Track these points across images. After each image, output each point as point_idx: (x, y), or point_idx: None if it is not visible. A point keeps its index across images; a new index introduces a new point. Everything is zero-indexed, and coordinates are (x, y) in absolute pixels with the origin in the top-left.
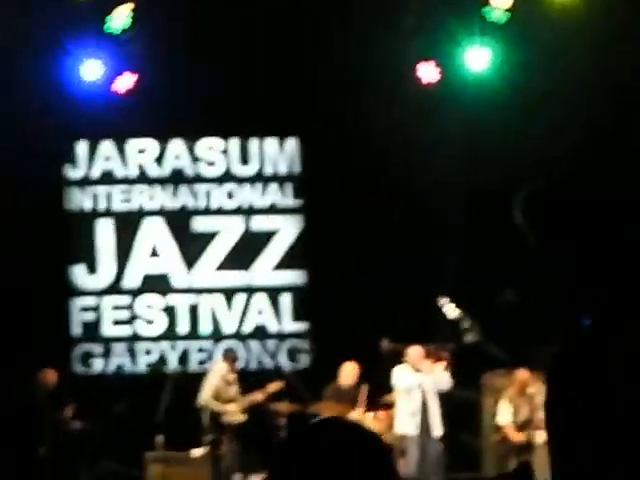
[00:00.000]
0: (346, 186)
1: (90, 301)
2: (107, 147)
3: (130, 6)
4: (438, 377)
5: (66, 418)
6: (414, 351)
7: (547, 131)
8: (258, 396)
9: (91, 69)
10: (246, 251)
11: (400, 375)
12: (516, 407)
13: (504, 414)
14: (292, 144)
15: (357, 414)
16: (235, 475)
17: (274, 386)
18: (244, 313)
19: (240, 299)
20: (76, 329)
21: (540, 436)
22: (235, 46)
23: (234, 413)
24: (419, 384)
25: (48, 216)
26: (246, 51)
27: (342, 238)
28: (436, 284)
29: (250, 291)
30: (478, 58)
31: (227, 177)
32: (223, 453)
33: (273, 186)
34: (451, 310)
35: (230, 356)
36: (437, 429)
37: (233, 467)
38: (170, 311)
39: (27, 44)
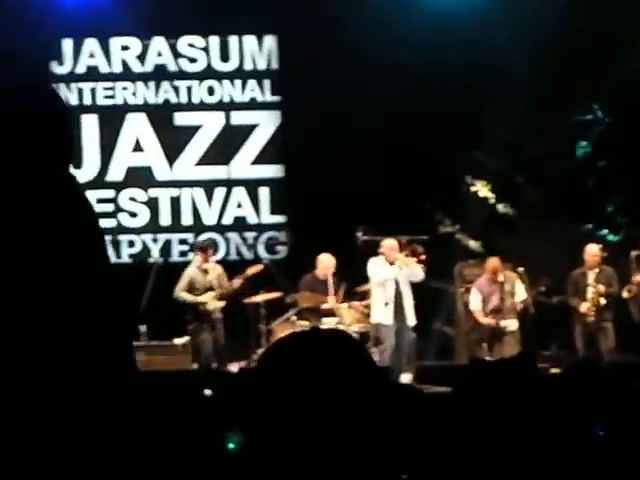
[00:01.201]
0: (321, 81)
1: None
2: (92, 45)
3: None
4: (411, 269)
5: None
6: (389, 243)
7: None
8: (236, 282)
9: None
10: (226, 146)
11: (375, 267)
12: (487, 295)
13: (474, 300)
14: (270, 41)
15: (332, 303)
16: (213, 363)
17: (253, 269)
18: (224, 206)
19: (220, 192)
20: None
21: (509, 324)
22: None
23: (210, 301)
24: (393, 276)
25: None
26: None
27: (318, 132)
28: (409, 178)
29: (230, 184)
30: None
31: (208, 73)
32: (201, 342)
33: (252, 82)
34: None
35: (202, 247)
36: (411, 319)
37: (211, 356)
38: (152, 204)
39: None
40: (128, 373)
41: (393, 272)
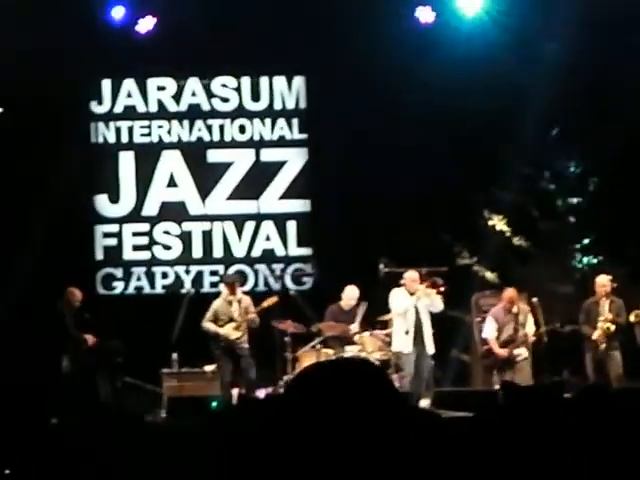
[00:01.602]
0: (347, 120)
1: (112, 228)
2: (129, 85)
3: None
4: (431, 300)
5: (88, 336)
6: (410, 275)
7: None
8: (251, 315)
9: (116, 13)
10: (256, 181)
11: (397, 297)
12: (501, 324)
13: (489, 328)
14: (299, 82)
15: (355, 332)
16: (234, 390)
17: (269, 301)
18: (253, 239)
19: (249, 226)
20: (99, 254)
21: (521, 353)
22: None
23: (230, 332)
24: (414, 306)
25: (76, 149)
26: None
27: (343, 169)
28: (430, 212)
29: (259, 218)
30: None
31: (239, 112)
32: (222, 369)
33: (281, 121)
34: None
35: (228, 280)
36: (430, 347)
37: (230, 383)
38: (185, 237)
39: None
40: None
41: (414, 302)
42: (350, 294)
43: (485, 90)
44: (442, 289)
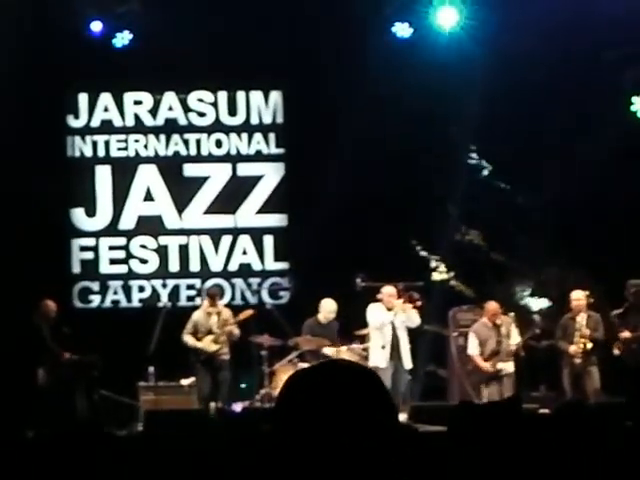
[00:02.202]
0: (324, 136)
1: (89, 242)
2: (106, 99)
3: None
4: (408, 315)
5: (65, 353)
6: (387, 290)
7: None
8: (227, 328)
9: (94, 27)
10: (232, 196)
11: (374, 313)
12: (483, 339)
13: (472, 345)
14: (276, 97)
15: (332, 347)
16: (211, 403)
17: (245, 314)
18: (230, 253)
19: (226, 240)
20: (76, 267)
21: (505, 367)
22: (221, 12)
23: (207, 345)
24: (391, 321)
25: (52, 162)
26: (231, 16)
27: (320, 184)
28: (406, 227)
29: (236, 233)
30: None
31: (216, 127)
32: (199, 382)
33: (258, 135)
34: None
35: (210, 292)
36: (407, 362)
37: (208, 396)
38: (162, 251)
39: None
40: None
41: (391, 318)
42: (328, 307)
43: (462, 102)
44: (419, 304)
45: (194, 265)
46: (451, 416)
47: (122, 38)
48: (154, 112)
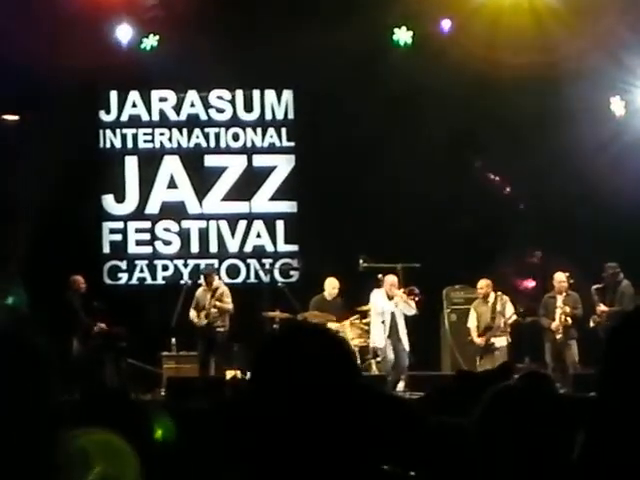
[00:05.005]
0: (331, 130)
1: (118, 225)
2: (135, 96)
3: None
4: (406, 305)
5: (101, 324)
6: (390, 279)
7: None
8: (224, 303)
9: (123, 32)
10: (248, 184)
11: (376, 298)
12: (479, 313)
13: (471, 319)
14: (287, 95)
15: (337, 322)
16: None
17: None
18: (245, 236)
19: (242, 225)
20: (106, 248)
21: (497, 341)
22: (239, 19)
23: (202, 318)
24: (391, 309)
25: (86, 153)
26: (249, 23)
27: (327, 173)
28: (405, 213)
29: (250, 218)
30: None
31: (233, 122)
32: (198, 352)
33: (271, 130)
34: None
35: (205, 272)
36: (405, 344)
37: (205, 362)
38: (184, 234)
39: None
40: None
41: (391, 305)
42: (331, 284)
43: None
44: (417, 298)
45: (213, 247)
46: (450, 383)
47: (149, 42)
48: (178, 108)
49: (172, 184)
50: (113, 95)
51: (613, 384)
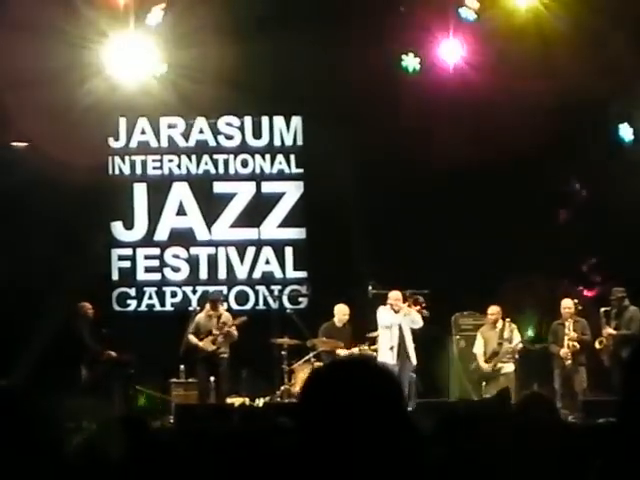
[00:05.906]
0: (339, 156)
1: (127, 251)
2: (143, 123)
3: (162, 5)
4: (412, 317)
5: (110, 352)
6: (394, 295)
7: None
8: (230, 329)
9: (132, 58)
10: (257, 211)
11: (382, 314)
12: (486, 339)
13: (478, 345)
14: (296, 121)
15: (345, 349)
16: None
17: (240, 319)
18: (254, 263)
19: (251, 251)
20: (115, 275)
21: (504, 366)
22: (248, 44)
23: (208, 344)
24: (397, 322)
25: (95, 180)
26: (258, 47)
27: (336, 200)
28: (414, 239)
29: (259, 244)
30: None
31: (242, 148)
32: (199, 379)
33: (280, 156)
34: None
35: (212, 297)
36: (412, 359)
37: (207, 390)
38: (193, 260)
39: None
40: None
41: (397, 319)
42: (341, 311)
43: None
44: (423, 307)
45: (221, 273)
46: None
47: (158, 69)
48: (186, 135)
49: (181, 211)
50: (122, 122)
51: (633, 409)
